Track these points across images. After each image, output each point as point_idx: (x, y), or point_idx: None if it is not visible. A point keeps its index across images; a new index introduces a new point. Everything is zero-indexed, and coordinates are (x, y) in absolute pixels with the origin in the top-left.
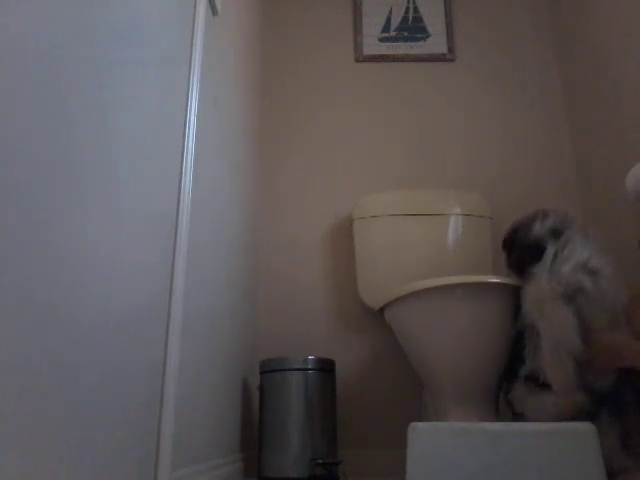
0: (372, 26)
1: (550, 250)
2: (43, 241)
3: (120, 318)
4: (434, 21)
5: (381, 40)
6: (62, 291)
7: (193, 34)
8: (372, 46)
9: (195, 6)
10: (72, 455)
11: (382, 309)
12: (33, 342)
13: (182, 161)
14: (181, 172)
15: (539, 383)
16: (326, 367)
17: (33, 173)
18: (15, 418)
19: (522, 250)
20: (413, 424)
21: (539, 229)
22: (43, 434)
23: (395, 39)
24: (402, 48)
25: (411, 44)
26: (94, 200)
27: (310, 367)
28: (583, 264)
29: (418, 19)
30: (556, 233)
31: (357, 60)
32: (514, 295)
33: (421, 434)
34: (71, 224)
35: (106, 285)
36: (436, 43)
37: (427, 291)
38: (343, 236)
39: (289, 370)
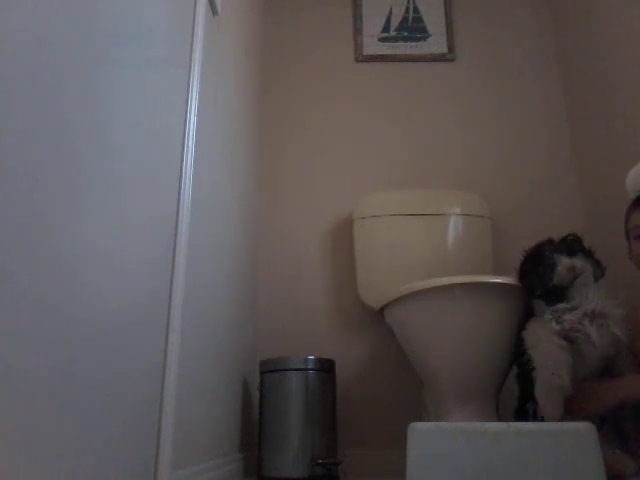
0: (372, 26)
1: (561, 306)
2: (43, 243)
3: (120, 318)
4: (434, 21)
5: (381, 40)
6: (62, 291)
7: (193, 34)
8: (372, 46)
9: (195, 6)
10: (72, 455)
11: (382, 309)
12: (32, 342)
13: (182, 161)
14: (181, 172)
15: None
16: (326, 367)
17: (32, 174)
18: (14, 418)
19: (538, 285)
20: (413, 424)
21: (561, 274)
22: (43, 434)
23: (395, 39)
24: (402, 48)
25: (411, 44)
26: (94, 201)
27: (310, 367)
28: (591, 311)
29: (418, 19)
30: (576, 276)
31: (357, 60)
32: (514, 295)
33: (421, 434)
34: (71, 225)
35: (106, 285)
36: (436, 43)
37: (427, 291)
38: (343, 236)
39: (289, 370)
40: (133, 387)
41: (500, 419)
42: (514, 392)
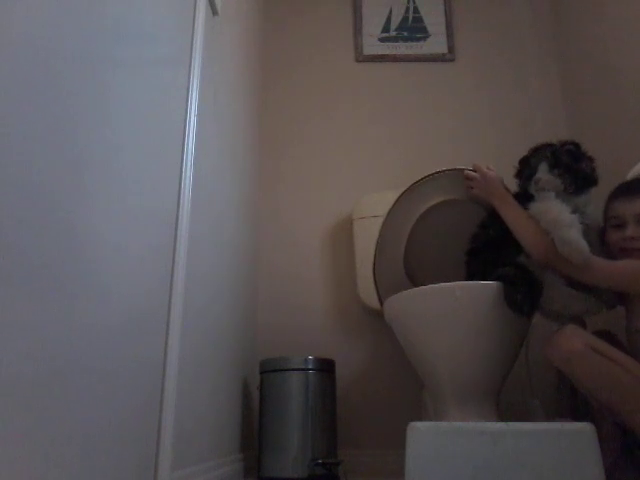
0: (372, 26)
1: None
2: (42, 242)
3: (120, 318)
4: (434, 21)
5: (381, 40)
6: (62, 291)
7: (193, 34)
8: (372, 46)
9: (195, 6)
10: (72, 455)
11: (382, 308)
12: (32, 342)
13: (182, 161)
14: (181, 172)
15: None
16: (326, 367)
17: (31, 175)
18: (15, 418)
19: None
20: (413, 424)
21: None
22: (43, 434)
23: (395, 39)
24: (402, 48)
25: (411, 44)
26: (94, 200)
27: (310, 367)
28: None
29: (418, 19)
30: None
31: (357, 60)
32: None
33: (421, 434)
34: (70, 224)
35: (106, 285)
36: (436, 43)
37: (427, 291)
38: (343, 236)
39: (289, 370)
40: (133, 387)
41: (500, 419)
42: (514, 392)
